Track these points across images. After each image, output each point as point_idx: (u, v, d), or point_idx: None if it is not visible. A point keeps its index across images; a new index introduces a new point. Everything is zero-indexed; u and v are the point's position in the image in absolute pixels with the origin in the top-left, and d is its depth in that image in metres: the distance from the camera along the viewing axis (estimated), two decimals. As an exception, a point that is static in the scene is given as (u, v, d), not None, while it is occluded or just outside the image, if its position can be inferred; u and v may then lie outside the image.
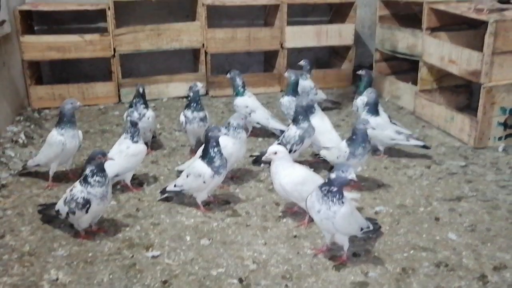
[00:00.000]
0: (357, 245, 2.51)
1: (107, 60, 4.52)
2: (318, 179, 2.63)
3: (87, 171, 2.47)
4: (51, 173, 3.08)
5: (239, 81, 3.75)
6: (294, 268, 2.34)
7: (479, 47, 3.58)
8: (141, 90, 3.51)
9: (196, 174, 2.70)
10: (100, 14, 4.51)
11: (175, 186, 2.81)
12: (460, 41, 4.00)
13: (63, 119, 3.00)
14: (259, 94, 4.68)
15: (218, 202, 2.91)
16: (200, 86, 3.48)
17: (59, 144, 2.98)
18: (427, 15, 4.07)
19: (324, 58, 5.53)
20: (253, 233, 2.62)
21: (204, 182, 2.69)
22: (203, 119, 3.42)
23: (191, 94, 3.42)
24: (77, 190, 2.48)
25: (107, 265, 2.36)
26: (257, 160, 3.39)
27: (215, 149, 2.72)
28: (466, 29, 4.16)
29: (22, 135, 3.72)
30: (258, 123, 3.76)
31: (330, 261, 2.39)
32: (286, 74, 3.81)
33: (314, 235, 2.60)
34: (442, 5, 3.99)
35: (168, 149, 3.64)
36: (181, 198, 2.91)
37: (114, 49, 4.48)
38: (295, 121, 3.18)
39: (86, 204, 2.45)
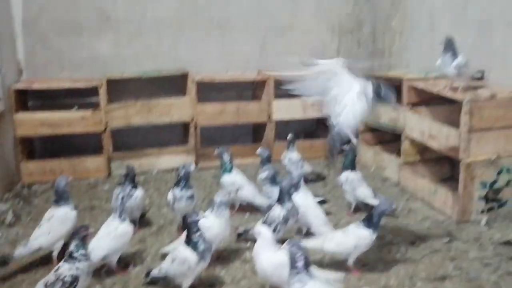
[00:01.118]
0: (341, 332, 2.50)
1: (99, 135, 4.64)
2: None
3: (72, 246, 2.52)
4: (56, 254, 3.07)
5: (226, 158, 3.84)
6: None
7: (459, 122, 3.72)
8: (129, 171, 3.58)
9: (181, 260, 2.72)
10: (93, 90, 4.67)
11: (160, 270, 2.82)
12: (441, 116, 4.15)
13: (64, 196, 3.11)
14: (247, 164, 4.79)
15: (203, 286, 2.91)
16: (192, 167, 3.57)
17: (73, 219, 3.10)
18: (407, 91, 4.26)
19: (311, 129, 5.68)
20: (239, 320, 2.61)
21: (189, 268, 2.71)
22: (191, 198, 3.48)
23: (182, 174, 3.50)
24: (64, 268, 2.49)
25: None
26: (241, 235, 3.42)
27: (197, 234, 2.76)
28: (446, 104, 4.33)
29: (10, 214, 3.74)
30: (244, 200, 3.83)
31: None
32: (258, 152, 3.94)
33: (298, 321, 2.59)
34: (420, 82, 4.18)
35: (156, 227, 3.67)
36: (167, 282, 2.91)
37: (106, 124, 4.61)
38: (280, 201, 3.24)
39: (74, 281, 2.46)
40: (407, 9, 5.17)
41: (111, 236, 2.96)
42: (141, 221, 3.67)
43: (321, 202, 3.73)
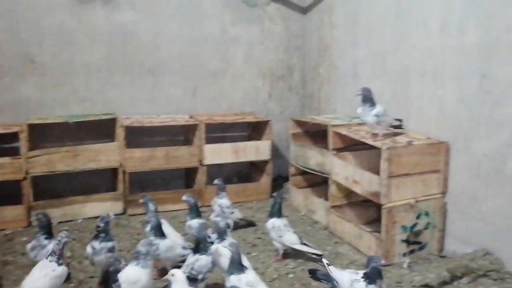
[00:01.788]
0: None
1: (18, 182, 4.41)
2: None
3: None
4: None
5: (151, 207, 3.75)
6: None
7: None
8: (43, 219, 3.42)
9: None
10: (14, 136, 4.47)
11: None
12: (364, 160, 4.30)
13: None
14: (179, 210, 4.71)
15: None
16: (112, 216, 3.45)
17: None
18: (332, 137, 4.40)
19: (244, 171, 5.72)
20: None
21: None
22: (112, 249, 3.35)
23: (102, 224, 3.36)
24: None
25: None
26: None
27: (117, 284, 2.65)
28: (369, 149, 4.50)
29: None
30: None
31: None
32: (184, 198, 3.89)
33: None
34: (343, 129, 4.34)
35: (76, 282, 3.48)
36: None
37: (26, 172, 4.40)
38: (203, 249, 3.17)
39: None
40: (333, 58, 5.42)
41: (48, 278, 2.91)
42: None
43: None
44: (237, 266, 3.02)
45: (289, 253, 3.91)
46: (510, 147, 3.46)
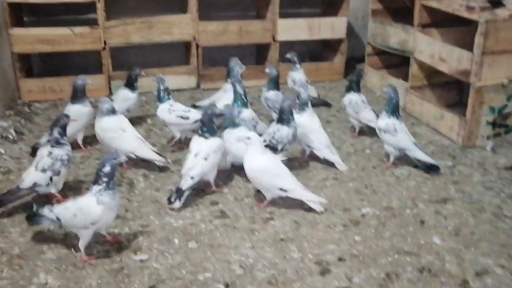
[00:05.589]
0: (343, 249, 2.55)
1: (98, 53, 4.49)
2: (282, 171, 2.81)
3: (56, 133, 2.80)
4: (80, 142, 3.50)
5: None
6: (280, 273, 2.38)
7: (471, 45, 3.58)
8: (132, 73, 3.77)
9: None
10: (90, 6, 4.46)
11: (192, 178, 2.86)
12: (452, 38, 3.99)
13: (78, 95, 3.44)
14: (250, 87, 4.68)
15: (207, 203, 2.94)
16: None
17: (88, 114, 3.44)
18: (419, 11, 4.06)
19: (317, 51, 5.51)
20: (241, 235, 2.65)
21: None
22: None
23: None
24: (58, 151, 2.78)
25: (95, 269, 2.39)
26: None
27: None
28: (459, 26, 4.15)
29: (12, 131, 3.71)
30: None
31: (316, 266, 2.44)
32: (267, 70, 3.81)
33: (301, 238, 2.64)
34: (434, 2, 3.97)
35: (159, 146, 3.65)
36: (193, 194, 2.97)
37: (105, 42, 4.45)
38: (286, 121, 3.17)
39: (70, 160, 2.85)
40: None
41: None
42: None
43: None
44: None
45: (365, 130, 3.86)
46: None
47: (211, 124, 3.02)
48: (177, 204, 2.85)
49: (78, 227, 2.41)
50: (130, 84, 3.86)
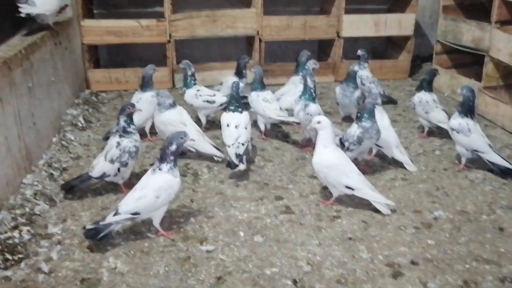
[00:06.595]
0: (415, 252, 2.43)
1: (163, 45, 4.56)
2: (350, 169, 2.72)
3: (122, 122, 2.79)
4: (147, 129, 3.56)
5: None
6: (349, 273, 2.30)
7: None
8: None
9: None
10: (158, 0, 4.53)
11: (243, 145, 3.04)
12: (533, 36, 3.75)
13: (149, 82, 3.52)
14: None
15: (271, 198, 2.89)
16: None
17: (153, 102, 3.37)
18: (498, 7, 3.84)
19: (380, 48, 5.36)
20: (307, 232, 2.58)
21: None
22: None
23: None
24: (126, 142, 2.78)
25: (162, 257, 2.39)
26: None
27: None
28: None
29: (81, 119, 3.83)
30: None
31: (387, 268, 2.33)
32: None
33: (370, 238, 2.54)
34: (515, -3, 3.75)
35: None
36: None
37: (170, 35, 4.51)
38: (358, 118, 3.06)
39: (137, 151, 2.83)
40: None
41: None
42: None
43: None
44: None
45: (434, 131, 3.69)
46: None
47: (241, 100, 3.24)
48: (242, 166, 2.99)
49: (162, 205, 2.46)
50: (239, 72, 3.91)
